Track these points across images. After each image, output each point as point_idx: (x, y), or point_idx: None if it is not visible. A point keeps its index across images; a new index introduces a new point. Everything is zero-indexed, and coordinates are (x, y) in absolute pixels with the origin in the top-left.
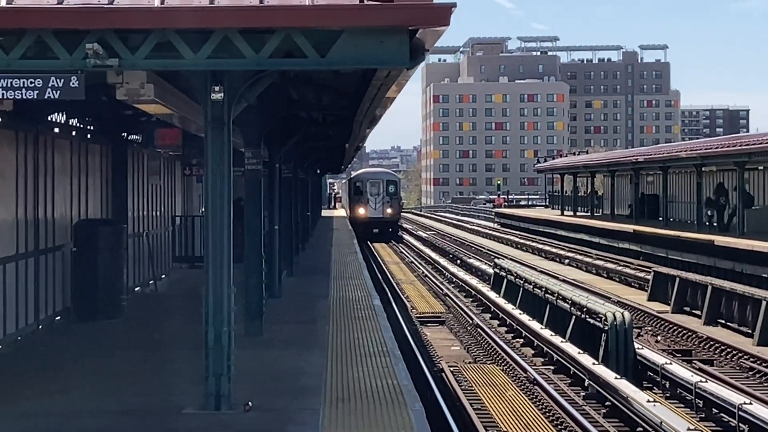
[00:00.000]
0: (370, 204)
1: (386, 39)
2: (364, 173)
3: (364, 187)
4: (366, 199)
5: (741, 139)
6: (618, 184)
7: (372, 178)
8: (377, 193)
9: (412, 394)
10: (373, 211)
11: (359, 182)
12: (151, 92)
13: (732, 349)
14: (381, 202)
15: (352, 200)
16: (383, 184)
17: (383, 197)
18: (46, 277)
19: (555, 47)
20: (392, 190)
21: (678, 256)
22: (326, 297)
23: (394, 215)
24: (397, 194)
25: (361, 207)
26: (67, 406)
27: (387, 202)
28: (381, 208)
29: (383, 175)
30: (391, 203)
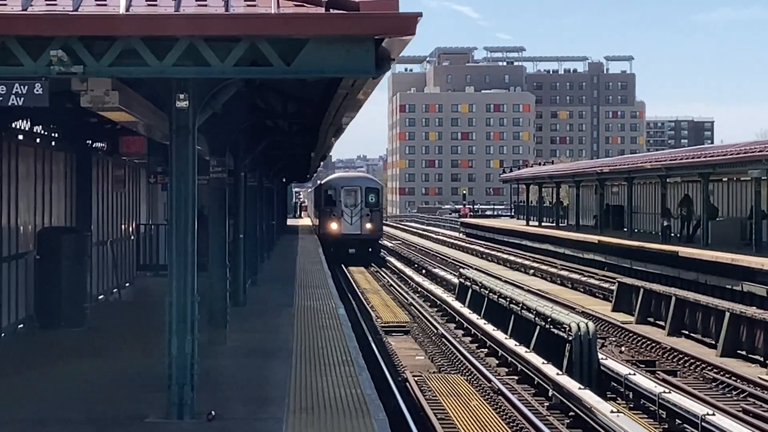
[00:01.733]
0: (345, 217)
1: (352, 48)
2: (337, 179)
3: (338, 196)
4: (340, 211)
5: (705, 150)
6: (583, 194)
7: (347, 185)
8: (354, 204)
9: (376, 403)
10: (348, 227)
11: (331, 190)
12: (116, 100)
13: (695, 360)
14: (359, 215)
15: (321, 212)
16: (361, 192)
17: (361, 209)
18: (8, 284)
19: (521, 57)
20: (373, 200)
21: (642, 266)
22: (291, 306)
23: (374, 232)
24: (378, 205)
25: (333, 221)
26: (30, 414)
27: (366, 216)
28: (359, 222)
29: (362, 181)
30: (372, 217)
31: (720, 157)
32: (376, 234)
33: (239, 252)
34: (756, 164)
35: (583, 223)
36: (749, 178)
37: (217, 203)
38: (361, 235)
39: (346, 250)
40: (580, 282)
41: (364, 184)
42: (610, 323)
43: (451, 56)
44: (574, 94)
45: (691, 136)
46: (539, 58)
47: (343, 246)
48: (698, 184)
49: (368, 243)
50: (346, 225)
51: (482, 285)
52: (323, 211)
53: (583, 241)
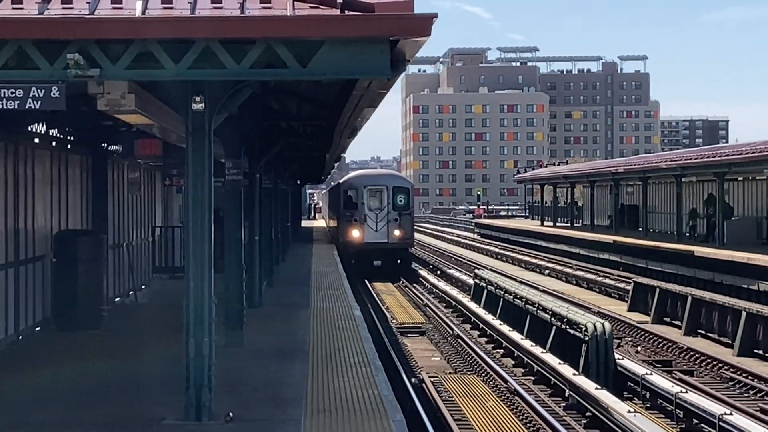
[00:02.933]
0: (369, 223)
1: (367, 50)
2: (359, 177)
3: (359, 198)
4: (362, 215)
5: (720, 149)
6: (598, 194)
7: (371, 185)
8: (379, 207)
9: (393, 404)
10: (372, 234)
11: (352, 190)
12: (132, 102)
13: (712, 360)
14: (385, 221)
15: (340, 217)
16: (388, 192)
17: (388, 213)
18: (26, 287)
19: (534, 58)
20: (402, 201)
21: (658, 266)
22: (307, 307)
23: (404, 240)
24: (408, 208)
25: (354, 228)
26: (48, 417)
27: (394, 221)
28: (385, 229)
29: (388, 179)
30: (401, 222)
31: (735, 156)
32: (405, 242)
33: (255, 254)
34: None
35: (598, 223)
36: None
37: (232, 205)
38: (387, 244)
39: (370, 262)
40: (596, 282)
41: (391, 182)
42: (626, 323)
43: (464, 57)
44: (588, 94)
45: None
46: (553, 58)
47: (367, 257)
48: (713, 183)
49: (396, 253)
50: (369, 232)
51: (498, 285)
52: (342, 215)
53: (599, 241)
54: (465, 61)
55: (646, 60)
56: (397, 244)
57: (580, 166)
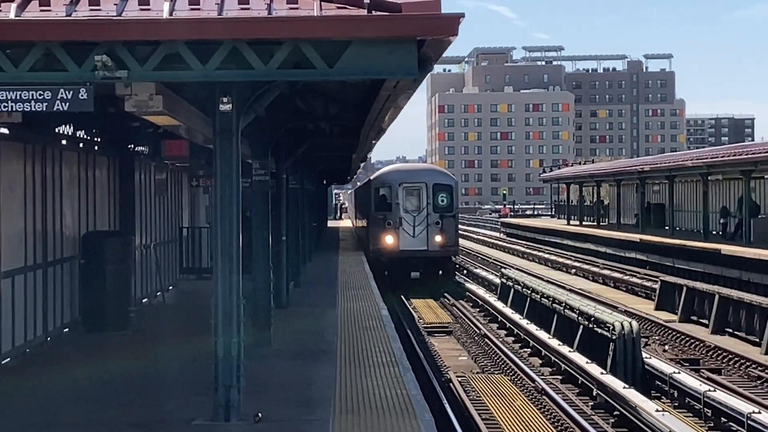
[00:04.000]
0: (405, 227)
1: (394, 49)
2: (393, 173)
3: (394, 197)
4: (397, 218)
5: (747, 147)
6: (624, 193)
7: (408, 182)
8: (417, 208)
9: (422, 404)
10: (409, 240)
11: (385, 188)
12: (160, 104)
13: (740, 358)
14: (424, 224)
15: (371, 220)
16: (428, 191)
17: (428, 215)
18: (54, 289)
19: (560, 57)
20: (444, 201)
21: (685, 265)
22: (334, 307)
23: (447, 247)
24: (452, 209)
25: (387, 233)
26: (77, 417)
27: (435, 224)
28: (424, 234)
29: (428, 175)
30: (443, 226)
31: (762, 154)
32: (448, 250)
33: (282, 254)
34: None
35: (624, 221)
36: None
37: (259, 206)
38: (427, 251)
39: (406, 273)
40: (622, 281)
41: (432, 179)
42: (654, 322)
43: (489, 56)
44: (614, 93)
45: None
46: (578, 57)
47: (402, 268)
48: (740, 181)
49: (438, 263)
50: (406, 238)
51: (524, 285)
52: (373, 218)
53: (625, 239)
54: (490, 60)
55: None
56: (438, 252)
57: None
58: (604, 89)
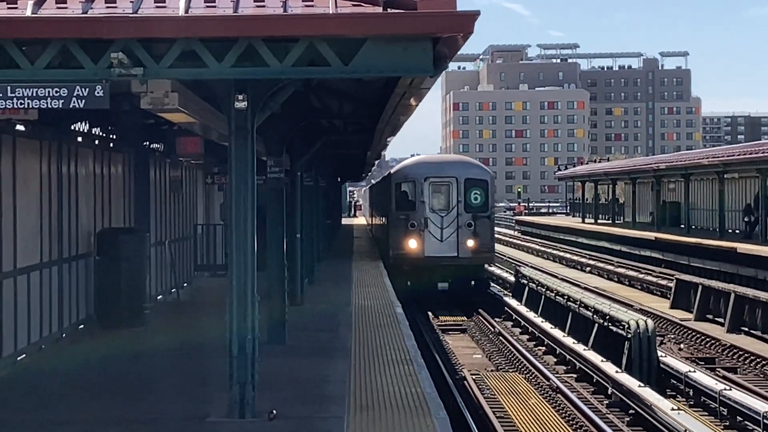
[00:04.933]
0: (431, 230)
1: (410, 47)
2: (416, 165)
3: (418, 194)
4: (421, 219)
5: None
6: (639, 191)
7: (435, 176)
8: (446, 207)
9: (436, 402)
10: (436, 245)
11: (407, 183)
12: (176, 101)
13: (756, 357)
14: (455, 226)
15: (391, 221)
16: (458, 187)
17: (458, 215)
18: (69, 285)
19: (575, 54)
20: (478, 199)
21: (700, 263)
22: (348, 305)
23: (480, 253)
24: (487, 209)
25: (410, 236)
26: (91, 414)
27: (467, 226)
28: (454, 238)
29: (458, 168)
30: (476, 228)
31: None
32: (482, 257)
33: (296, 251)
34: None
35: (640, 220)
36: None
37: (274, 203)
38: (458, 258)
39: (432, 284)
40: (638, 279)
41: (463, 172)
42: (669, 320)
43: (504, 54)
44: (629, 91)
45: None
46: (593, 54)
47: (427, 278)
48: (756, 180)
49: (470, 272)
50: (432, 242)
51: (539, 283)
52: (394, 219)
53: (640, 238)
54: (505, 58)
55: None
56: (470, 260)
57: (621, 162)
58: (620, 87)
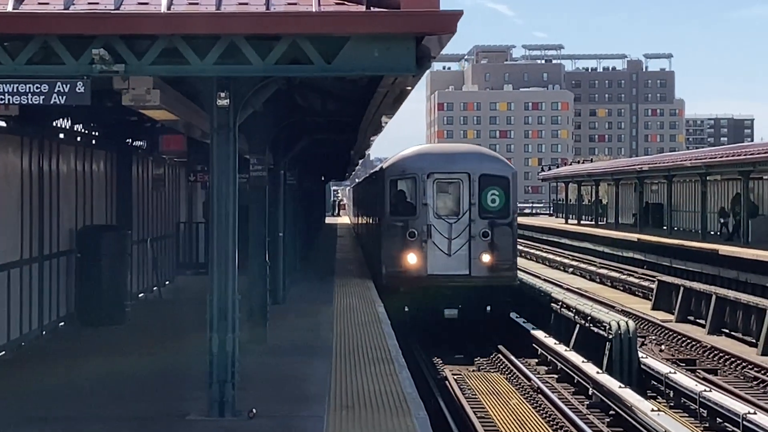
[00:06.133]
0: (437, 240)
1: (393, 46)
2: (419, 157)
3: (419, 194)
4: (424, 225)
5: (746, 148)
6: (622, 192)
7: (441, 171)
8: (455, 212)
9: (417, 401)
10: (443, 261)
11: (406, 180)
12: (157, 98)
13: (736, 359)
14: (466, 236)
15: (384, 229)
16: (472, 185)
17: (470, 221)
18: (50, 282)
19: (559, 56)
20: (496, 201)
21: (682, 265)
22: (330, 303)
23: (500, 270)
24: (507, 212)
25: (408, 249)
26: (72, 411)
27: (482, 236)
28: (467, 250)
29: (472, 161)
30: (494, 237)
31: (761, 154)
32: (502, 276)
33: (279, 250)
34: None
35: (623, 221)
36: None
37: (256, 202)
38: (470, 278)
39: (438, 311)
40: (620, 280)
41: (478, 167)
42: (650, 322)
43: (489, 54)
44: (613, 92)
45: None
46: (578, 56)
47: (431, 302)
48: (738, 182)
49: (486, 295)
50: (437, 257)
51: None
52: (388, 226)
53: (623, 239)
54: (490, 58)
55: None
56: (486, 279)
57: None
58: (604, 88)
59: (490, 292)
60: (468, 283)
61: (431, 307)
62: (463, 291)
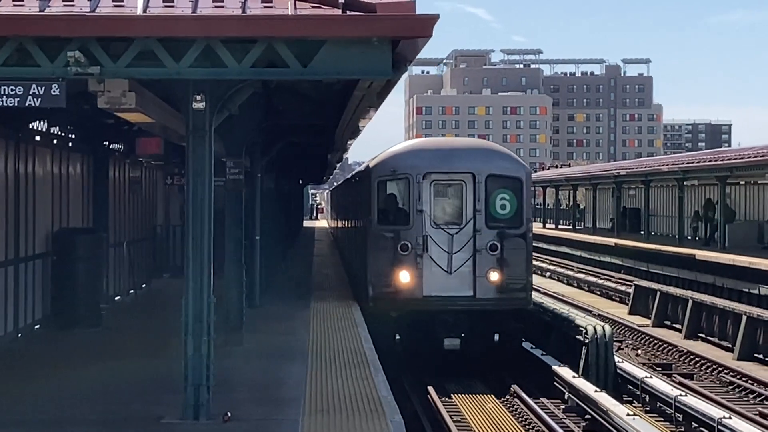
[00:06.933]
0: (434, 255)
1: (369, 50)
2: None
3: (413, 199)
4: (418, 237)
5: (723, 153)
6: (600, 197)
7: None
8: (457, 219)
9: (392, 405)
10: (442, 280)
11: (397, 182)
12: (133, 101)
13: (712, 363)
14: (470, 250)
15: (370, 240)
16: (476, 187)
17: (476, 232)
18: (25, 285)
19: (538, 60)
20: (506, 207)
21: (659, 269)
22: (307, 307)
23: (511, 291)
24: (520, 221)
25: (400, 266)
26: (47, 414)
27: (490, 250)
28: (470, 267)
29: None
30: (504, 251)
31: (737, 160)
32: (514, 298)
33: (255, 253)
34: None
35: (600, 225)
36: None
37: (233, 205)
38: (474, 300)
39: (436, 340)
40: (597, 285)
41: (485, 166)
42: (627, 326)
43: (467, 59)
44: (591, 97)
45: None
46: (556, 60)
47: (428, 330)
48: (715, 187)
49: (494, 321)
50: (435, 275)
51: None
52: (375, 238)
53: (600, 243)
54: (468, 62)
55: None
56: (495, 302)
57: (582, 168)
58: (582, 93)
59: (499, 317)
60: (472, 306)
61: (428, 337)
62: (467, 317)
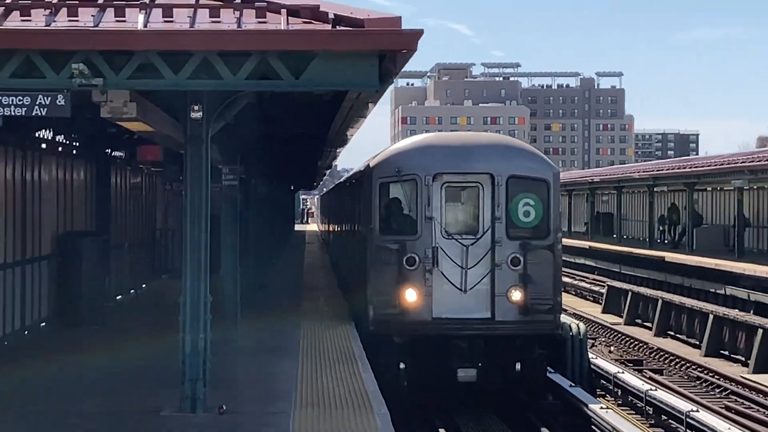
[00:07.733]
0: (446, 270)
1: (357, 63)
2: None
3: (421, 204)
4: (427, 249)
5: (691, 161)
6: (575, 202)
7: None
8: (472, 229)
9: (378, 399)
10: (455, 299)
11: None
12: (134, 111)
13: (681, 360)
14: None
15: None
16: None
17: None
18: (32, 285)
19: (516, 73)
20: (530, 214)
21: (631, 271)
22: (298, 306)
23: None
24: (547, 230)
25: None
26: (50, 407)
27: (512, 265)
28: (488, 285)
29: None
30: (527, 267)
31: (704, 167)
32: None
33: (249, 255)
34: (738, 174)
35: (575, 229)
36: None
37: (229, 209)
38: (494, 324)
39: (449, 370)
40: (572, 285)
41: (505, 165)
42: (600, 324)
43: (450, 71)
44: (567, 108)
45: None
46: (533, 73)
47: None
48: (684, 193)
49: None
50: (446, 294)
51: None
52: (377, 249)
53: (575, 246)
54: (451, 75)
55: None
56: (517, 326)
57: None
58: (558, 104)
59: (522, 343)
60: (490, 330)
61: (438, 366)
62: (484, 342)
